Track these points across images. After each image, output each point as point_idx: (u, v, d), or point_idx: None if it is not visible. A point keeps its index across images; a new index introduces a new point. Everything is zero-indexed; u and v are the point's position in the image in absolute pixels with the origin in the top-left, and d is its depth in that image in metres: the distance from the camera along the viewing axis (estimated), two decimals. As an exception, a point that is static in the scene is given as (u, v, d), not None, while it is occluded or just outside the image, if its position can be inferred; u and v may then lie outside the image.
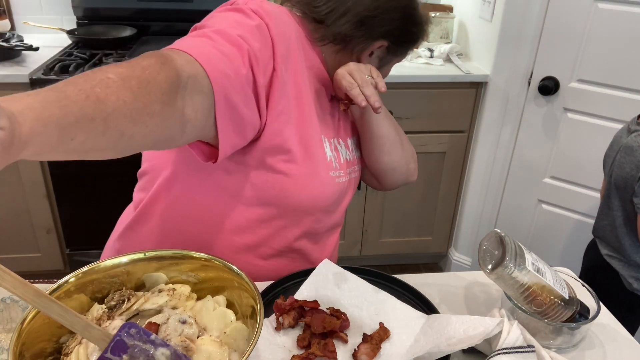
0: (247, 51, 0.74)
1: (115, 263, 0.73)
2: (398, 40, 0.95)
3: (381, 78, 0.88)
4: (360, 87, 0.85)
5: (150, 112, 0.56)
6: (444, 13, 2.31)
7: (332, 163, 0.92)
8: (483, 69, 2.11)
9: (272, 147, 0.83)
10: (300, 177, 0.86)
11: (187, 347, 0.65)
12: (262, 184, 0.86)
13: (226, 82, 0.70)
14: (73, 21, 2.29)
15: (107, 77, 0.53)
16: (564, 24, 1.85)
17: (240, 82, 0.73)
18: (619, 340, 0.84)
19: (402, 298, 0.88)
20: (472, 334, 0.73)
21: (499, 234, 0.80)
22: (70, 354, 0.64)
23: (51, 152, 0.47)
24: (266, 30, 0.79)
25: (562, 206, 2.09)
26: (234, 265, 0.73)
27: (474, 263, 2.37)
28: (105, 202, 2.04)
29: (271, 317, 0.81)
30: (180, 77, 0.62)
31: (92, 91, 0.50)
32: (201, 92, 0.66)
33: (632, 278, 1.47)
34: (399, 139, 1.03)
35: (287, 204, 0.88)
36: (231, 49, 0.73)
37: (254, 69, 0.75)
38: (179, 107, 0.62)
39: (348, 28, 0.89)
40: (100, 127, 0.50)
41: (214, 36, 0.74)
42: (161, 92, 0.57)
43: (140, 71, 0.56)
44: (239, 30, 0.76)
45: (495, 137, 2.13)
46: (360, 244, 2.36)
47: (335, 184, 0.93)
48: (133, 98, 0.53)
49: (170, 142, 0.66)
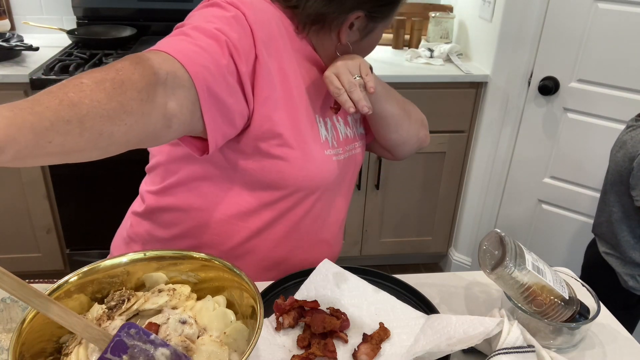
0: (226, 42, 0.75)
1: (115, 263, 0.73)
2: (373, 6, 0.91)
3: (371, 77, 0.87)
4: (348, 92, 0.84)
5: (128, 111, 0.58)
6: (444, 13, 2.31)
7: (327, 142, 0.93)
8: (483, 69, 2.11)
9: (263, 133, 0.84)
10: (295, 159, 0.87)
11: (187, 347, 0.65)
12: (260, 170, 0.87)
13: (207, 74, 0.71)
14: (73, 21, 2.29)
15: (80, 82, 0.55)
16: (564, 24, 1.85)
17: (221, 73, 0.74)
18: (619, 340, 0.84)
19: (402, 298, 0.88)
20: (472, 334, 0.73)
21: (499, 234, 0.80)
22: (70, 354, 0.64)
23: (30, 157, 0.50)
24: (243, 19, 0.80)
25: (562, 206, 2.09)
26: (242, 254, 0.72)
27: (474, 263, 2.37)
28: (105, 202, 2.04)
29: (271, 317, 0.81)
30: (158, 75, 0.63)
31: (66, 96, 0.52)
32: (182, 86, 0.68)
33: (628, 275, 1.47)
34: (404, 113, 1.01)
35: (286, 186, 0.89)
36: (209, 42, 0.74)
37: (234, 58, 0.76)
38: (161, 103, 0.64)
39: (318, 6, 0.87)
40: (77, 128, 0.52)
41: (192, 32, 0.75)
42: (137, 90, 0.59)
43: (114, 73, 0.58)
44: (216, 23, 0.77)
45: (495, 137, 2.13)
46: (360, 244, 2.36)
47: (332, 162, 0.93)
48: (108, 98, 0.55)
49: (157, 139, 0.67)
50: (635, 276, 1.46)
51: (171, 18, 2.30)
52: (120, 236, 1.05)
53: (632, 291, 1.47)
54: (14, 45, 1.98)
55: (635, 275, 1.46)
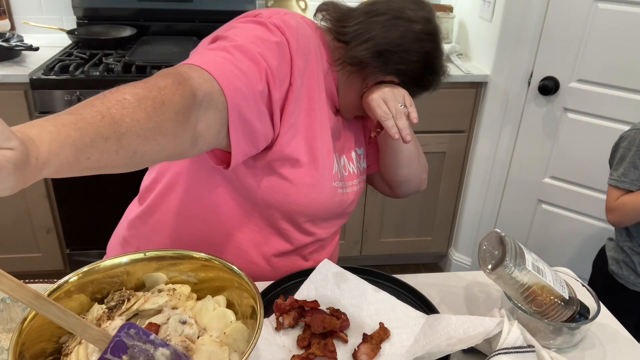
0: (265, 69, 0.76)
1: (115, 263, 0.73)
2: (410, 81, 0.95)
3: (414, 108, 0.90)
4: (395, 118, 0.87)
5: (163, 132, 0.58)
6: (444, 13, 2.31)
7: (337, 174, 0.94)
8: (483, 69, 2.11)
9: (282, 157, 0.85)
10: (303, 184, 0.88)
11: (187, 347, 0.65)
12: (269, 188, 0.87)
13: (241, 98, 0.71)
14: (73, 21, 2.29)
15: (123, 98, 0.55)
16: (564, 24, 1.85)
17: (254, 98, 0.74)
18: (619, 340, 0.85)
19: (402, 298, 0.88)
20: (472, 334, 0.73)
21: (499, 234, 0.80)
22: (70, 354, 0.64)
23: (69, 171, 0.50)
24: (286, 47, 0.80)
25: (562, 206, 2.09)
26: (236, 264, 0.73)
27: (474, 263, 2.37)
28: (105, 202, 2.04)
29: (271, 317, 0.81)
30: (196, 96, 0.63)
31: (108, 112, 0.52)
32: (215, 108, 0.68)
33: (612, 259, 1.51)
34: (416, 151, 1.04)
35: (290, 209, 0.90)
36: (249, 66, 0.74)
37: (270, 85, 0.77)
38: (192, 124, 0.64)
39: (366, 55, 0.89)
40: (115, 146, 0.53)
41: (234, 51, 0.74)
42: (175, 111, 0.59)
43: (157, 92, 0.58)
44: (259, 47, 0.77)
45: (495, 137, 2.13)
46: (360, 244, 2.36)
47: (337, 194, 0.95)
48: (147, 118, 0.55)
49: (182, 156, 0.67)
50: (619, 261, 1.49)
51: (171, 18, 2.30)
52: (116, 237, 1.04)
53: (613, 275, 1.51)
54: (14, 45, 1.98)
55: (620, 260, 1.49)
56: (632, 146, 1.36)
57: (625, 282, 1.48)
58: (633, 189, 1.37)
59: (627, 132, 1.40)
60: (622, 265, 1.48)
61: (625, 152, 1.38)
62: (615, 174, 1.40)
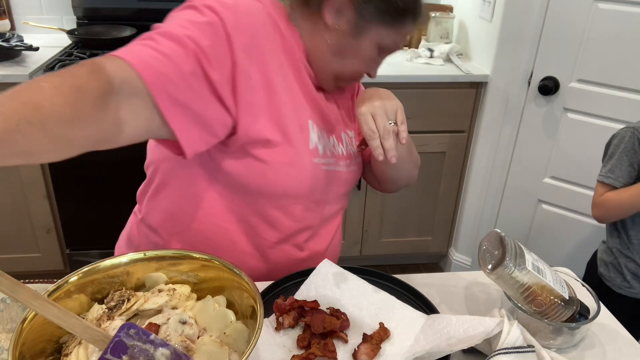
0: (193, 50, 0.74)
1: (115, 263, 0.73)
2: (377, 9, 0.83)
3: (405, 126, 0.84)
4: (381, 137, 0.81)
5: (83, 116, 0.60)
6: (444, 13, 2.31)
7: (317, 150, 0.91)
8: (483, 69, 2.11)
9: (251, 140, 0.84)
10: (280, 164, 0.86)
11: (187, 348, 0.65)
12: (247, 173, 0.86)
13: (166, 81, 0.71)
14: (73, 21, 2.29)
15: (40, 85, 0.57)
16: (564, 24, 1.85)
17: (184, 80, 0.73)
18: (619, 340, 0.84)
19: (402, 298, 0.88)
20: (472, 334, 0.73)
21: (499, 234, 0.80)
22: (70, 354, 0.64)
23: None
24: (219, 25, 0.77)
25: (562, 206, 2.09)
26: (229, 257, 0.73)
27: (474, 263, 2.37)
28: (105, 202, 2.04)
29: (271, 317, 0.81)
30: (112, 84, 0.64)
31: (29, 99, 0.55)
32: (137, 94, 0.68)
33: (601, 261, 1.53)
34: (408, 152, 1.00)
35: (273, 192, 0.88)
36: (173, 48, 0.73)
37: (203, 65, 0.75)
38: (112, 110, 0.65)
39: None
40: (40, 131, 0.55)
41: (158, 37, 0.74)
42: (93, 97, 0.61)
43: (71, 79, 0.60)
44: (188, 29, 0.75)
45: (495, 137, 2.13)
46: (360, 244, 2.36)
47: (321, 171, 0.92)
48: (65, 103, 0.57)
49: (109, 143, 0.68)
50: (607, 264, 1.50)
51: (171, 18, 2.30)
52: (122, 237, 1.05)
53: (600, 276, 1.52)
54: (14, 45, 1.98)
55: (608, 263, 1.50)
56: (621, 143, 1.39)
57: (612, 285, 1.48)
58: (617, 185, 1.39)
59: (619, 130, 1.43)
60: (610, 268, 1.49)
61: (614, 149, 1.41)
62: (603, 170, 1.43)
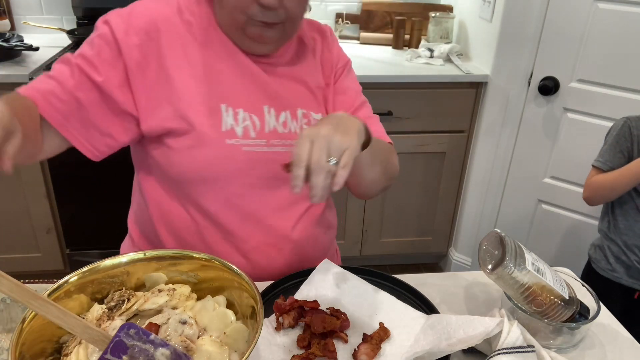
0: (76, 64, 0.84)
1: (115, 263, 0.73)
2: None
3: (346, 171, 0.68)
4: (310, 170, 0.67)
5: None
6: (444, 13, 2.31)
7: (234, 131, 0.88)
8: (483, 69, 2.11)
9: (158, 132, 0.88)
10: (183, 148, 0.87)
11: (187, 347, 0.65)
12: (165, 164, 0.90)
13: (51, 97, 0.82)
14: (73, 21, 2.29)
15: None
16: (564, 24, 1.85)
17: (69, 94, 0.83)
18: (619, 340, 0.85)
19: (402, 298, 0.88)
20: (472, 334, 0.73)
21: (499, 234, 0.80)
22: (70, 354, 0.64)
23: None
24: (109, 34, 0.84)
25: (562, 206, 2.09)
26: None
27: (474, 263, 2.37)
28: (105, 202, 2.04)
29: (271, 317, 0.81)
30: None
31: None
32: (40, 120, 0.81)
33: (592, 245, 1.58)
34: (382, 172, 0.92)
35: (185, 176, 0.89)
36: (61, 70, 0.84)
37: (88, 74, 0.83)
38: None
39: None
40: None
41: (55, 65, 0.86)
42: None
43: None
44: (81, 48, 0.86)
45: (495, 137, 2.13)
46: (360, 244, 2.36)
47: (241, 152, 0.88)
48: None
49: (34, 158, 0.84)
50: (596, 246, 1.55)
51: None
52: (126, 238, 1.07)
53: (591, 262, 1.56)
54: (14, 45, 1.98)
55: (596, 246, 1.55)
56: (614, 131, 1.46)
57: (597, 268, 1.52)
58: (604, 168, 1.45)
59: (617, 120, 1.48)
60: (597, 250, 1.54)
61: (609, 137, 1.48)
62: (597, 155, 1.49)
